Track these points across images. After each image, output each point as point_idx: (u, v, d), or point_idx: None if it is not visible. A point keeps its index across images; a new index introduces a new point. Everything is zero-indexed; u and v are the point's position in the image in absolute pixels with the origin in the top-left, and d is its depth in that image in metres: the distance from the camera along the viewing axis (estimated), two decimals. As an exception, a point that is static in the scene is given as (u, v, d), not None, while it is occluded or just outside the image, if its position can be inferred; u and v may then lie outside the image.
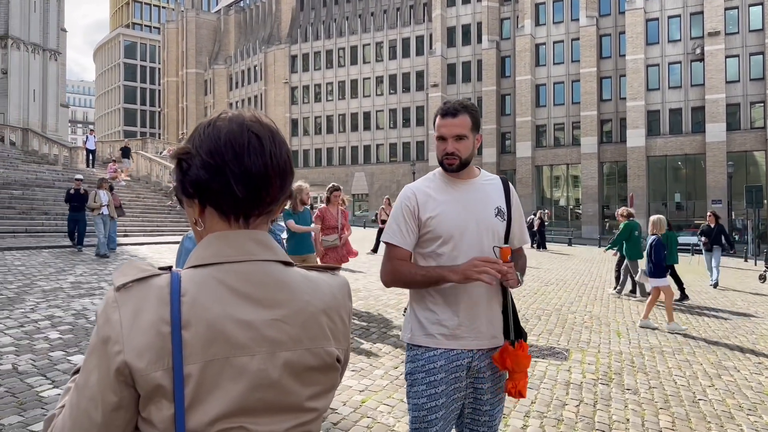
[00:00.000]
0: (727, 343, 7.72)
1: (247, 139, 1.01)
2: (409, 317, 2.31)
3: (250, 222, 1.03)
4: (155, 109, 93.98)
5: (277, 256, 1.02)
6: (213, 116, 1.06)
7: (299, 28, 65.75)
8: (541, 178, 50.19)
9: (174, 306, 0.90)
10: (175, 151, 1.04)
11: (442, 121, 2.27)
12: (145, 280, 0.92)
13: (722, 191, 38.68)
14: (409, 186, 2.35)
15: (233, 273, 0.96)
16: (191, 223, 1.07)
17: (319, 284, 1.05)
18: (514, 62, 50.44)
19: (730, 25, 41.59)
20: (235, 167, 0.99)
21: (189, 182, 1.01)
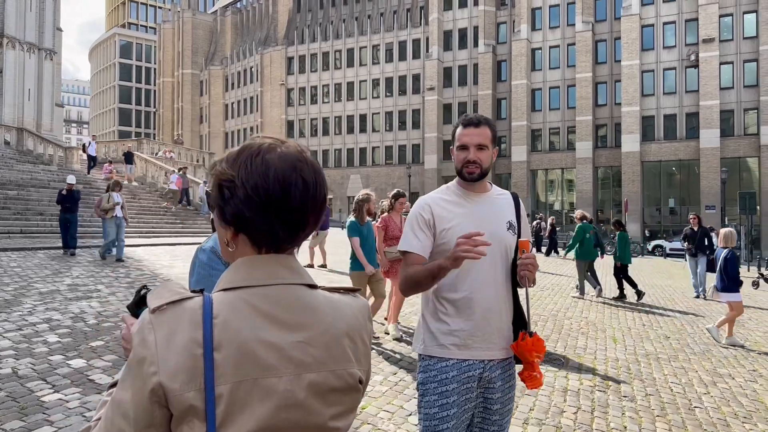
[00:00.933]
0: (722, 350, 7.79)
1: (295, 179, 1.03)
2: (421, 328, 2.34)
3: (281, 252, 1.06)
4: (150, 109, 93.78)
5: (303, 279, 1.05)
6: (260, 144, 1.07)
7: (296, 29, 65.77)
8: (536, 182, 50.35)
9: (206, 328, 0.93)
10: (218, 175, 1.05)
11: (464, 131, 2.30)
12: (179, 303, 0.95)
13: (716, 197, 38.90)
14: (424, 197, 2.39)
15: (263, 296, 0.99)
16: (222, 243, 1.10)
17: (341, 307, 1.08)
18: (510, 66, 50.60)
19: (725, 32, 41.87)
20: (279, 209, 1.02)
21: (229, 213, 1.03)
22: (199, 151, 44.28)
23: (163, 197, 26.30)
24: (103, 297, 8.87)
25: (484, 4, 52.49)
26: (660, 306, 11.60)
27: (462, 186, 2.36)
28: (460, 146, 2.30)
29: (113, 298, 8.80)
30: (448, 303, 2.26)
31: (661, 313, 10.62)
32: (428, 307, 2.32)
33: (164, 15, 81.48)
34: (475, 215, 2.29)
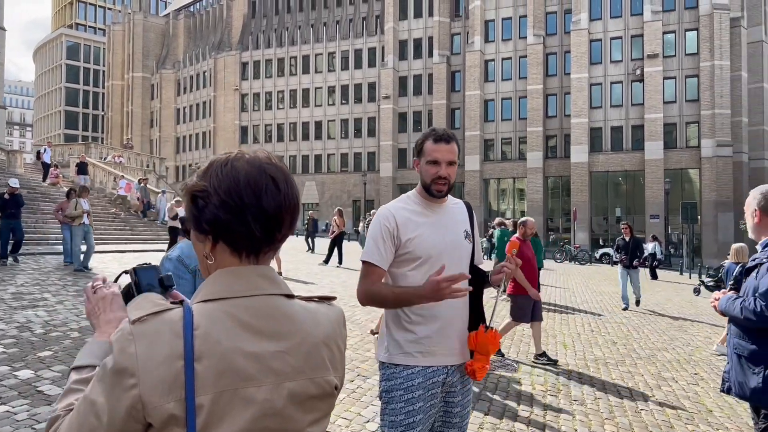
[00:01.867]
0: (666, 354, 8.11)
1: (265, 181, 1.06)
2: (385, 337, 2.38)
3: (259, 258, 1.09)
4: (98, 112, 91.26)
5: (281, 289, 1.08)
6: (227, 155, 1.11)
7: (250, 35, 65.19)
8: (489, 191, 51.17)
9: (187, 339, 0.94)
10: (190, 187, 1.09)
11: (436, 146, 2.32)
12: (159, 314, 0.96)
13: (660, 206, 40.34)
14: (387, 207, 2.41)
15: (243, 307, 1.02)
16: (200, 256, 1.12)
17: (318, 316, 1.11)
18: (464, 77, 51.40)
19: (668, 48, 43.58)
20: (254, 208, 1.05)
21: (205, 220, 1.06)
22: (149, 156, 43.33)
23: (112, 203, 25.64)
24: (51, 306, 8.61)
25: (439, 15, 53.22)
26: (608, 312, 11.98)
27: (423, 196, 2.40)
28: (432, 161, 2.32)
29: (61, 307, 8.55)
30: (412, 312, 2.30)
31: (609, 319, 10.96)
32: (392, 316, 2.35)
33: (114, 16, 79.50)
34: (437, 225, 2.35)
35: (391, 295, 2.26)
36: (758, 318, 2.69)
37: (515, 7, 49.77)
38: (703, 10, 42.18)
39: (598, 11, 45.42)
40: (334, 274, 15.43)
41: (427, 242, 2.30)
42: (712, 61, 41.61)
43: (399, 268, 2.33)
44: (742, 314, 2.76)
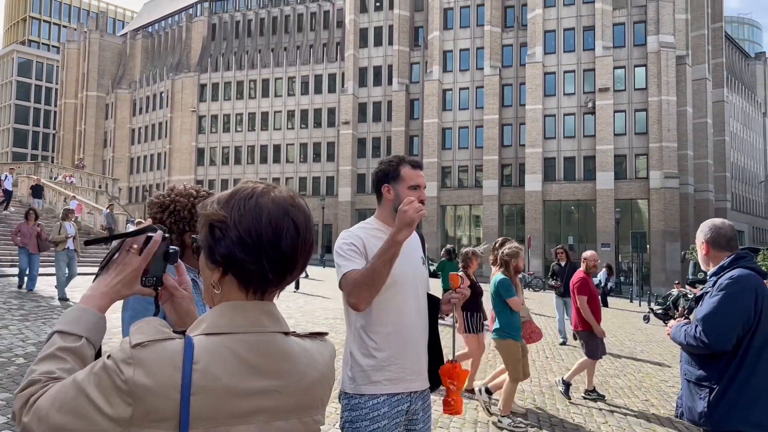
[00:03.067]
0: (617, 381, 8.30)
1: (287, 224, 1.07)
2: (350, 365, 2.34)
3: (265, 295, 1.09)
4: (49, 131, 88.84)
5: (282, 327, 1.09)
6: (253, 187, 1.10)
7: (210, 57, 64.84)
8: (446, 218, 51.74)
9: (186, 374, 0.94)
10: (209, 215, 1.08)
11: (415, 172, 2.41)
12: (161, 342, 0.97)
13: (610, 235, 41.47)
14: (353, 232, 2.40)
15: (244, 343, 1.02)
16: (206, 283, 1.12)
17: (314, 355, 1.12)
18: (423, 105, 52.21)
19: (618, 82, 45.28)
20: (271, 251, 1.05)
21: (220, 253, 1.05)
22: (101, 177, 42.32)
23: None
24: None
25: (399, 44, 54.09)
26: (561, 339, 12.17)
27: (384, 222, 2.43)
28: (415, 186, 2.39)
29: (6, 332, 8.24)
30: (377, 336, 2.29)
31: (563, 347, 11.16)
32: (356, 342, 2.33)
33: (69, 34, 77.93)
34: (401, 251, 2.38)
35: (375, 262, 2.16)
36: (698, 343, 2.80)
37: (473, 39, 51.03)
38: (651, 47, 44.09)
39: (552, 45, 46.95)
40: (291, 299, 15.30)
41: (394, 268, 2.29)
42: (659, 96, 43.40)
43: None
44: (686, 340, 2.88)
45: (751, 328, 2.76)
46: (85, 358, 1.05)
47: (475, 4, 51.12)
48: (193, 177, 61.66)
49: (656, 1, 44.12)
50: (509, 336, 5.62)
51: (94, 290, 1.13)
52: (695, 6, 49.59)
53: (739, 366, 2.75)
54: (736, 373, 2.75)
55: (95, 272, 1.16)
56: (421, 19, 55.48)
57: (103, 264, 1.16)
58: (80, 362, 1.03)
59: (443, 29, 51.84)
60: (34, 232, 12.60)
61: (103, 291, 1.13)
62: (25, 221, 12.95)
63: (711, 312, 2.80)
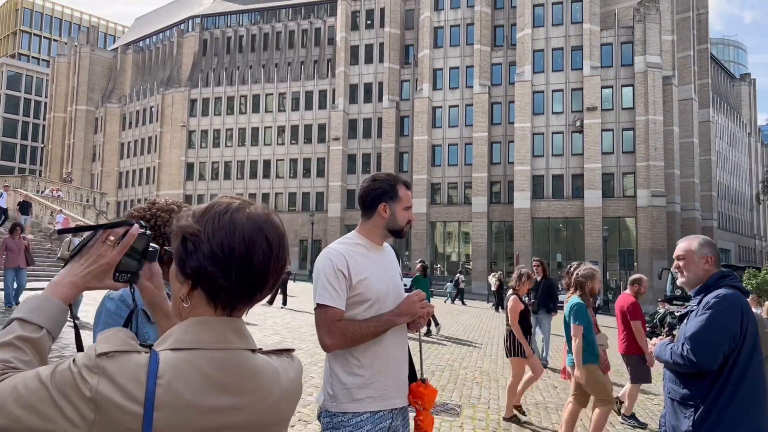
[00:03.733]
0: (603, 398, 8.31)
1: (260, 241, 1.05)
2: (332, 383, 2.32)
3: (234, 312, 1.08)
4: (38, 144, 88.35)
5: (248, 344, 1.08)
6: (228, 203, 1.09)
7: (200, 72, 64.96)
8: (435, 234, 51.84)
9: (150, 388, 0.93)
10: (182, 228, 1.07)
11: (409, 193, 2.49)
12: (127, 354, 0.96)
13: (598, 253, 41.66)
14: (335, 248, 2.39)
15: (209, 359, 1.01)
16: (175, 299, 1.10)
17: (280, 372, 1.10)
18: (413, 122, 52.52)
19: (606, 102, 45.81)
20: (242, 267, 1.04)
21: (191, 266, 1.04)
22: (89, 191, 42.08)
23: (48, 238, 24.68)
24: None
25: (389, 62, 54.51)
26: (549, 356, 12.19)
27: (370, 239, 2.44)
28: (409, 207, 2.47)
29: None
30: (360, 354, 2.29)
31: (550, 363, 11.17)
32: (338, 361, 2.31)
33: (60, 48, 77.90)
34: (381, 267, 2.42)
35: (369, 328, 2.25)
36: (685, 362, 2.79)
37: (462, 57, 51.53)
38: (638, 68, 44.69)
39: (540, 64, 47.48)
40: (278, 315, 15.23)
41: (375, 283, 2.34)
42: (646, 115, 43.94)
43: (350, 311, 2.30)
44: (672, 359, 2.87)
45: (737, 347, 2.76)
46: (44, 350, 1.03)
47: (465, 24, 51.70)
48: (182, 192, 61.46)
49: (643, 23, 44.82)
50: (588, 360, 5.20)
51: (62, 278, 1.10)
52: (681, 27, 50.42)
53: (724, 385, 2.75)
54: (721, 392, 2.74)
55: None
56: (411, 37, 55.99)
57: (75, 252, 1.12)
58: (38, 354, 1.01)
59: (433, 47, 52.34)
60: (22, 246, 12.39)
61: (71, 280, 1.10)
62: (11, 236, 12.65)
63: (698, 331, 2.79)
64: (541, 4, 47.68)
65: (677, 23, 49.13)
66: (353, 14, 57.24)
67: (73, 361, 0.94)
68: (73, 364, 0.93)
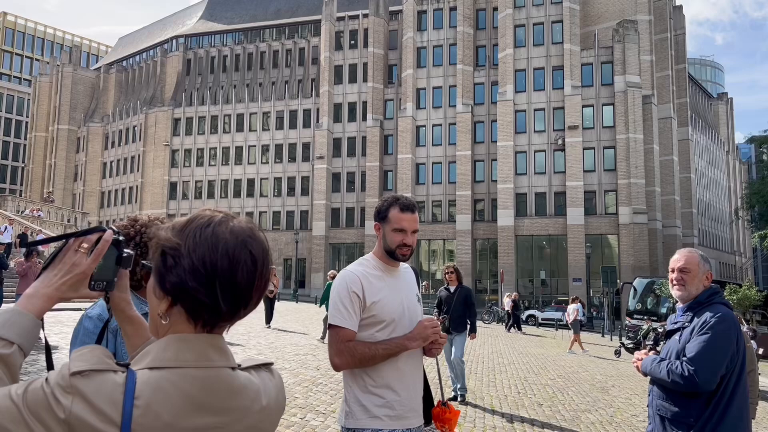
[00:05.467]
0: (589, 416, 8.33)
1: (244, 257, 1.01)
2: (351, 401, 2.35)
3: (214, 330, 1.04)
4: (18, 164, 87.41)
5: (229, 362, 1.04)
6: (210, 216, 1.05)
7: (184, 92, 64.90)
8: (420, 252, 51.88)
9: (126, 410, 0.89)
10: (162, 241, 1.03)
11: (403, 215, 2.42)
12: (102, 373, 0.91)
13: (582, 270, 41.93)
14: (351, 270, 2.45)
15: (189, 378, 0.97)
16: (153, 316, 1.06)
17: (261, 388, 1.07)
18: (397, 141, 52.83)
19: (587, 120, 46.42)
20: (225, 283, 1.00)
21: (170, 281, 1.00)
22: (71, 211, 41.66)
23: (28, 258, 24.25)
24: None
25: (373, 81, 54.89)
26: (534, 374, 12.22)
27: (383, 260, 2.48)
28: (399, 229, 2.41)
29: None
30: (376, 374, 2.32)
31: (535, 381, 11.19)
32: (356, 380, 2.35)
33: (41, 68, 77.46)
34: (396, 289, 2.44)
35: (379, 350, 2.28)
36: (686, 382, 2.73)
37: (445, 77, 52.06)
38: (618, 87, 45.44)
39: (522, 84, 48.09)
40: (263, 335, 15.10)
41: (389, 305, 2.37)
42: (627, 134, 44.58)
43: (362, 332, 2.35)
44: (669, 377, 2.79)
45: (734, 367, 2.76)
46: (14, 366, 0.97)
47: (448, 44, 52.31)
48: (165, 211, 60.94)
49: (622, 43, 45.65)
50: None
51: (35, 290, 1.05)
52: (659, 48, 51.40)
53: (718, 403, 2.73)
54: (715, 410, 2.73)
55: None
56: (395, 57, 56.49)
57: (47, 262, 1.08)
58: (8, 371, 0.96)
59: (416, 67, 52.84)
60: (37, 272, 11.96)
61: (45, 292, 1.05)
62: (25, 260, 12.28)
63: (702, 351, 2.73)
64: (522, 24, 48.42)
65: (655, 44, 50.09)
66: (337, 34, 57.70)
67: (45, 380, 0.90)
68: (46, 384, 0.89)
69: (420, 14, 53.72)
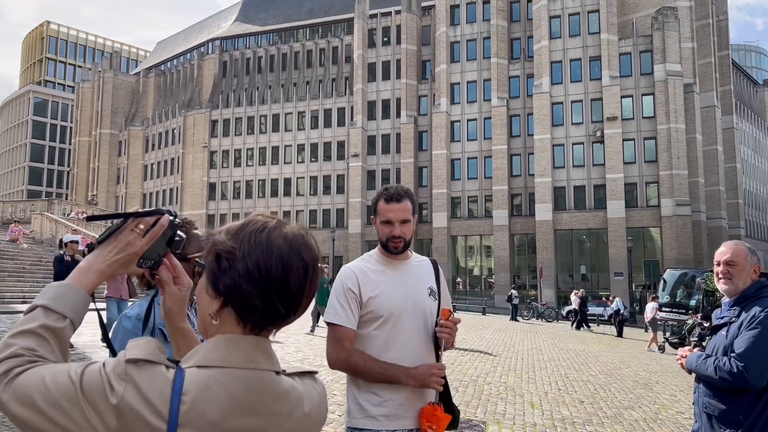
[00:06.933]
0: (632, 413, 8.13)
1: (297, 263, 1.04)
2: (349, 399, 2.33)
3: (262, 333, 1.06)
4: (64, 168, 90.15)
5: (274, 366, 1.06)
6: (264, 221, 1.07)
7: (221, 93, 65.91)
8: (456, 248, 51.61)
9: (174, 405, 0.92)
10: (217, 244, 1.05)
11: (387, 206, 2.33)
12: (156, 366, 0.94)
13: (623, 264, 41.08)
14: (348, 266, 2.41)
15: (235, 379, 0.99)
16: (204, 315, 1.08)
17: (304, 396, 1.08)
18: (431, 137, 52.58)
19: (626, 111, 45.41)
20: (279, 288, 1.02)
21: (224, 284, 1.02)
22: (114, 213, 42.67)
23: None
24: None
25: (406, 78, 54.76)
26: (575, 370, 12.00)
27: (384, 254, 2.40)
28: (385, 221, 2.33)
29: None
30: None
31: (576, 378, 10.98)
32: (355, 378, 2.31)
33: (84, 74, 79.71)
34: (399, 283, 2.35)
35: (373, 369, 2.22)
36: (735, 379, 2.65)
37: (479, 71, 51.60)
38: (658, 76, 44.31)
39: (559, 76, 47.32)
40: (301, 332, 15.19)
41: (388, 300, 2.29)
42: (668, 124, 43.46)
43: (362, 329, 2.30)
44: (717, 374, 2.71)
45: None
46: (65, 341, 1.00)
47: (482, 37, 51.82)
48: (205, 211, 62.20)
49: (662, 31, 44.48)
50: None
51: (89, 264, 1.08)
52: (701, 35, 49.94)
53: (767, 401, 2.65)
54: (765, 408, 2.65)
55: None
56: (428, 52, 56.25)
57: (103, 238, 1.11)
58: (60, 345, 0.98)
59: (450, 62, 52.51)
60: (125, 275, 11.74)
61: (98, 268, 1.08)
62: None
63: (752, 347, 2.65)
64: (558, 15, 47.63)
65: (697, 30, 48.68)
66: (370, 32, 57.75)
67: (103, 365, 0.93)
68: (103, 368, 0.92)
69: (453, 8, 53.33)
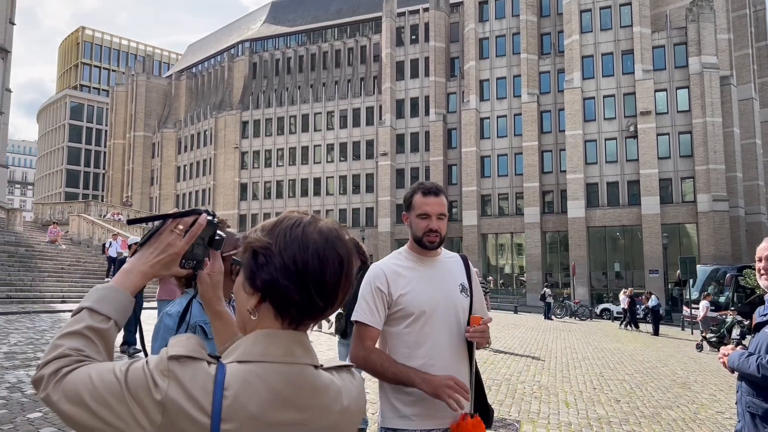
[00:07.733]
0: (670, 413, 7.94)
1: (332, 257, 1.05)
2: (381, 398, 2.30)
3: (299, 327, 1.07)
4: (99, 171, 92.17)
5: (312, 359, 1.07)
6: (299, 217, 1.09)
7: (251, 95, 66.61)
8: (487, 246, 51.22)
9: (216, 399, 0.93)
10: (252, 240, 1.07)
11: (425, 199, 2.32)
12: (198, 362, 0.96)
13: (658, 261, 40.25)
14: (377, 264, 2.38)
15: (275, 373, 1.00)
16: (241, 311, 1.09)
17: (341, 388, 1.09)
18: (460, 134, 52.26)
19: (660, 105, 44.44)
20: (316, 282, 1.03)
21: (262, 279, 1.04)
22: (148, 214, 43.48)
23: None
24: (44, 366, 8.45)
25: (435, 75, 54.53)
26: (610, 369, 11.80)
27: (414, 251, 2.37)
28: (422, 214, 2.31)
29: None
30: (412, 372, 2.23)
31: (612, 377, 10.79)
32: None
33: (118, 78, 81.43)
34: (430, 280, 2.31)
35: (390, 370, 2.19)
36: None
37: (509, 67, 51.10)
38: (693, 69, 43.29)
39: (590, 70, 46.54)
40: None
41: (419, 297, 2.25)
42: (704, 118, 42.41)
43: (393, 327, 2.27)
44: (760, 372, 2.66)
45: None
46: (110, 342, 1.03)
47: (511, 33, 51.32)
48: (236, 212, 62.97)
49: (696, 22, 43.44)
50: None
51: (133, 266, 1.11)
52: (738, 26, 48.63)
53: None
54: None
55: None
56: (456, 49, 55.94)
57: (144, 240, 1.14)
58: (105, 345, 1.02)
59: (479, 59, 52.12)
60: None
61: (141, 270, 1.11)
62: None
63: None
64: (589, 9, 46.85)
65: (733, 21, 47.40)
66: (398, 30, 57.69)
67: (146, 362, 0.95)
68: (146, 365, 0.94)
69: (481, 5, 52.90)
